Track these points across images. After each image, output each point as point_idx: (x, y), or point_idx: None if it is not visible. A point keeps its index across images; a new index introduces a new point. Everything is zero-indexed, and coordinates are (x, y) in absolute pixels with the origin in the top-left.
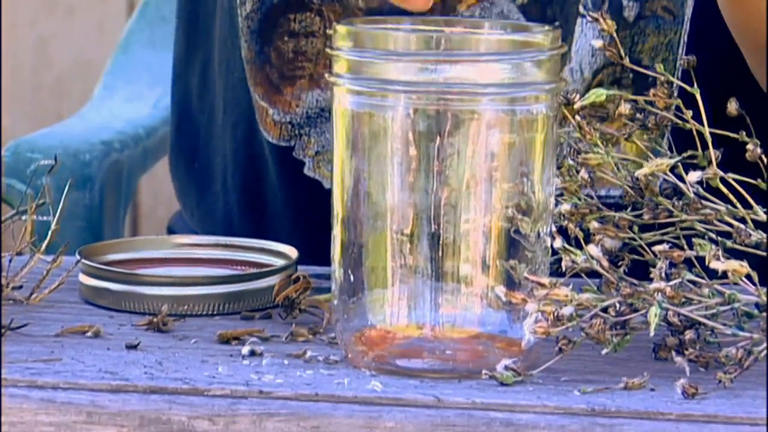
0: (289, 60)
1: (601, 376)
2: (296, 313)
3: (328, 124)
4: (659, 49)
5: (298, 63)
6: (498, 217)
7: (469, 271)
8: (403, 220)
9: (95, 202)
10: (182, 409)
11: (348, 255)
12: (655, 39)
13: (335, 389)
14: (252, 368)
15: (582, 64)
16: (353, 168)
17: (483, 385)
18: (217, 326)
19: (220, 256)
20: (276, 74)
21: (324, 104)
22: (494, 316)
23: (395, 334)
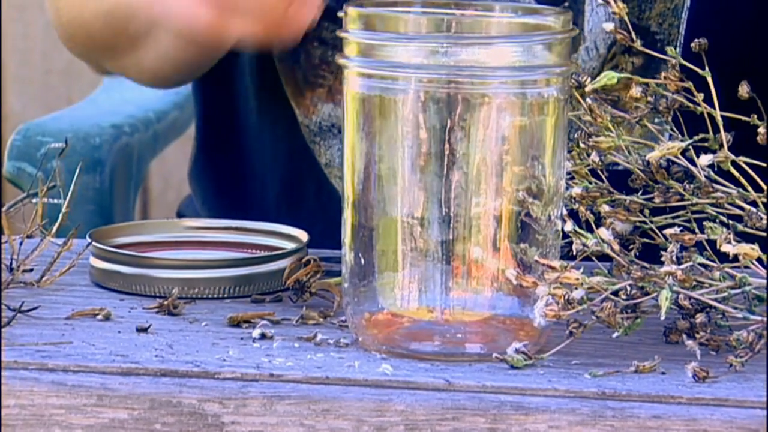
0: (314, 65)
1: (611, 359)
2: (307, 296)
3: (335, 141)
4: (666, 14)
5: (321, 71)
6: (509, 200)
7: (479, 255)
8: (414, 204)
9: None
10: (193, 392)
11: (358, 238)
12: (662, 5)
13: (346, 372)
14: (262, 351)
15: (597, 41)
16: (364, 151)
17: (493, 369)
18: (227, 309)
19: (230, 239)
20: (301, 77)
21: (335, 120)
22: (505, 300)
23: (405, 318)
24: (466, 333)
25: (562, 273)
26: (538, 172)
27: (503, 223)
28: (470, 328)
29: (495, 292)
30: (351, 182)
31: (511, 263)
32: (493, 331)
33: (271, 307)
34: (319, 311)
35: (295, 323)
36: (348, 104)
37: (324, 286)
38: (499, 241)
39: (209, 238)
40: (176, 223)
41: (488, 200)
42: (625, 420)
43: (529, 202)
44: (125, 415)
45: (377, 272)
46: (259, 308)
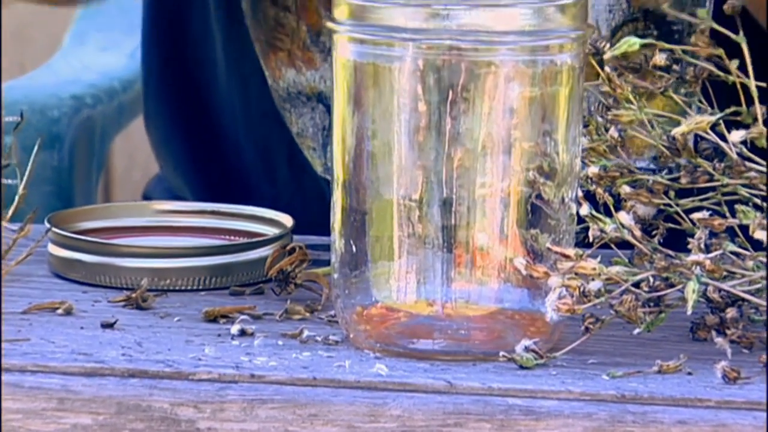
0: (270, 27)
1: (632, 358)
2: (291, 288)
3: (305, 109)
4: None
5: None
6: (517, 181)
7: (485, 242)
8: (412, 185)
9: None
10: (164, 395)
11: (349, 223)
12: None
13: (335, 373)
14: (242, 349)
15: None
16: (355, 126)
17: (500, 369)
18: (203, 303)
19: (206, 224)
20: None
21: (301, 88)
22: (513, 292)
23: (402, 312)
24: (470, 329)
25: (577, 262)
26: (550, 149)
27: (511, 207)
28: (474, 323)
29: (502, 284)
30: (341, 160)
31: (520, 251)
32: (499, 327)
33: (251, 300)
34: (306, 305)
35: (278, 318)
36: (338, 73)
37: (311, 277)
38: (506, 227)
39: (182, 222)
40: (145, 207)
41: (494, 181)
42: (647, 425)
43: (541, 182)
44: (89, 420)
45: (370, 261)
46: (238, 301)
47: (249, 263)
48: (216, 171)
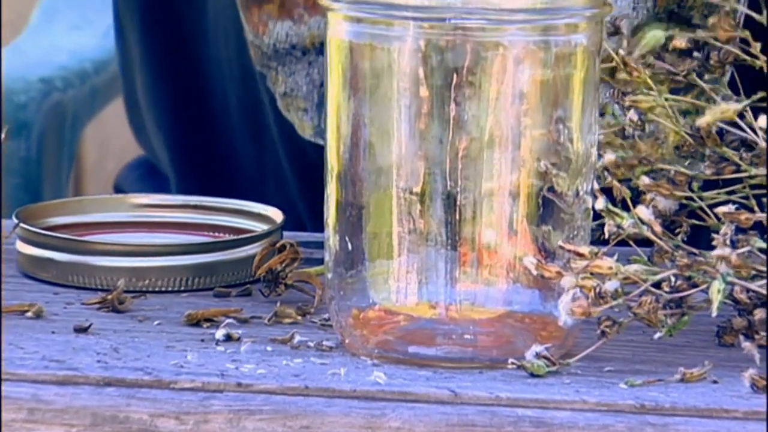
0: None
1: (652, 365)
2: (281, 289)
3: (299, 65)
4: None
5: None
6: (528, 172)
7: (492, 239)
8: (412, 176)
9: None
10: (143, 406)
11: (345, 219)
12: None
13: (329, 381)
14: (228, 356)
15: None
16: (351, 112)
17: (509, 377)
18: (185, 305)
19: (188, 219)
20: None
21: (296, 40)
22: (523, 293)
23: (402, 315)
24: (476, 333)
25: (593, 260)
26: (563, 138)
27: (521, 200)
28: (481, 327)
29: (511, 284)
30: (336, 150)
31: (530, 249)
32: (508, 332)
33: (237, 302)
34: (297, 307)
35: (267, 322)
36: (332, 55)
37: (303, 277)
38: (515, 222)
39: (162, 218)
40: (121, 200)
41: (503, 172)
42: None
43: (553, 174)
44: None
45: (367, 260)
46: (223, 304)
47: (235, 262)
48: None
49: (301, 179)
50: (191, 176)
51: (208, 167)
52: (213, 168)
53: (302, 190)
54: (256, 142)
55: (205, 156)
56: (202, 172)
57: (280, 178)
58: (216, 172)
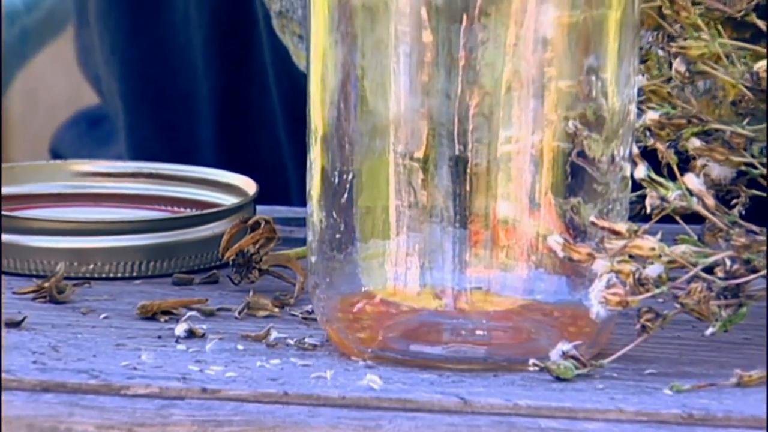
0: None
1: (703, 367)
2: (255, 275)
3: None
4: None
5: None
6: (553, 133)
7: (510, 214)
8: (413, 139)
9: None
10: (89, 415)
11: (332, 190)
12: None
13: (313, 387)
14: (190, 356)
15: None
16: (339, 62)
17: (530, 381)
18: (137, 294)
19: (141, 190)
20: None
21: None
22: (547, 280)
23: (401, 307)
24: (490, 329)
25: (631, 240)
26: (596, 92)
27: (545, 167)
28: (496, 321)
29: (532, 269)
30: (320, 107)
31: (556, 226)
32: (529, 326)
33: (202, 291)
34: (274, 297)
35: (237, 315)
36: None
37: (280, 261)
38: (538, 194)
39: (109, 188)
40: (60, 167)
41: (523, 133)
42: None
43: (584, 135)
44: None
45: (359, 240)
46: (184, 293)
47: (198, 243)
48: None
49: (292, 118)
50: (147, 125)
51: (169, 112)
52: (175, 111)
53: (293, 135)
54: (239, 71)
55: (165, 95)
56: (161, 117)
57: (267, 118)
58: (181, 116)
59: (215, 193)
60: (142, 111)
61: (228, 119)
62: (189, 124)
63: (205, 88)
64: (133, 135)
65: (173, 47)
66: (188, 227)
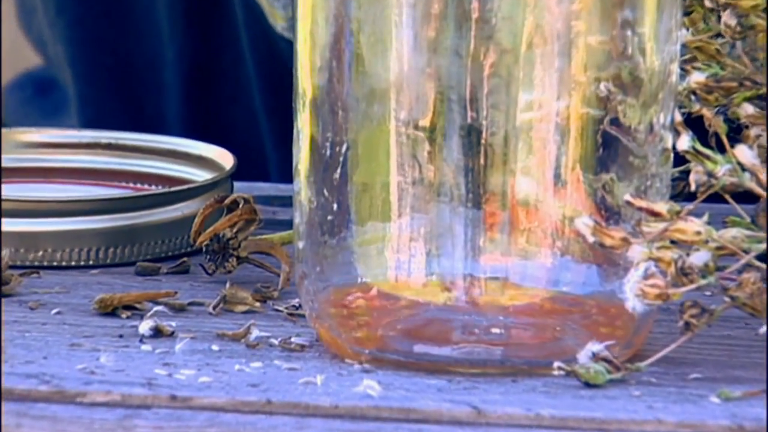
0: None
1: (756, 371)
2: (232, 263)
3: None
4: None
5: None
6: (582, 97)
7: (531, 192)
8: (418, 105)
9: None
10: (39, 426)
11: (323, 164)
12: None
13: (300, 394)
14: (157, 358)
15: None
16: (331, 14)
17: (555, 387)
18: (95, 287)
19: (99, 164)
20: None
21: None
22: (574, 269)
23: (404, 301)
24: (508, 326)
25: (673, 223)
26: (632, 49)
27: (572, 138)
28: (515, 317)
29: (557, 257)
30: (309, 67)
31: (585, 206)
32: (553, 323)
33: (170, 282)
34: (255, 290)
35: (212, 311)
36: None
37: (262, 247)
38: (564, 169)
39: (61, 162)
40: (4, 137)
41: (546, 98)
42: None
43: (618, 99)
44: None
45: (355, 222)
46: (149, 284)
47: (166, 226)
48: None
49: (270, 87)
50: (102, 98)
51: (127, 83)
52: (135, 81)
53: (268, 102)
54: (208, 35)
55: (123, 63)
56: (118, 89)
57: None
58: (141, 87)
59: (185, 168)
60: (96, 81)
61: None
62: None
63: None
64: (85, 109)
65: (131, 7)
66: (154, 207)
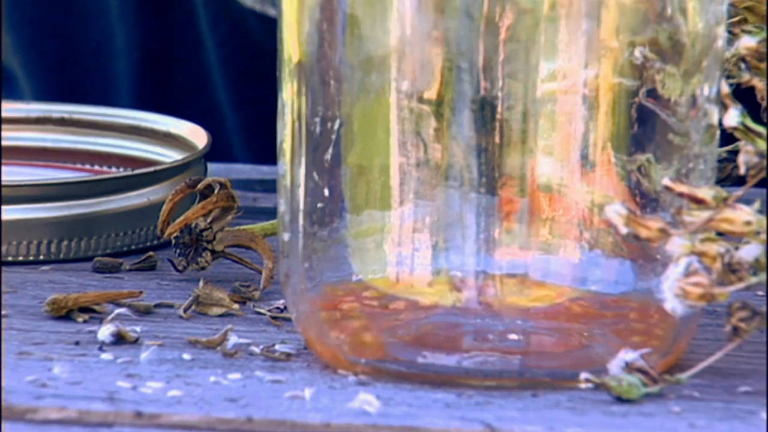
0: None
1: None
2: (206, 259)
3: None
4: None
5: None
6: (613, 65)
7: (554, 175)
8: (423, 74)
9: None
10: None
11: (312, 143)
12: None
13: (286, 410)
14: (120, 368)
15: None
16: None
17: (582, 403)
18: (47, 286)
19: (51, 142)
20: None
21: None
22: (604, 265)
23: (406, 302)
24: (528, 331)
25: (719, 211)
26: (671, 9)
27: (602, 112)
28: (535, 321)
29: (585, 250)
30: (296, 30)
31: (617, 192)
32: (580, 328)
33: (134, 280)
34: (233, 290)
35: (183, 314)
36: None
37: (241, 240)
38: (593, 149)
39: (7, 140)
40: None
41: (572, 66)
42: None
43: (655, 68)
44: None
45: (349, 211)
46: (110, 283)
47: (128, 215)
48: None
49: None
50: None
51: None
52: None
53: (235, 92)
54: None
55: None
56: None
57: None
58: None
59: (151, 147)
60: (39, 69)
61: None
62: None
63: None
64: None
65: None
66: (114, 193)
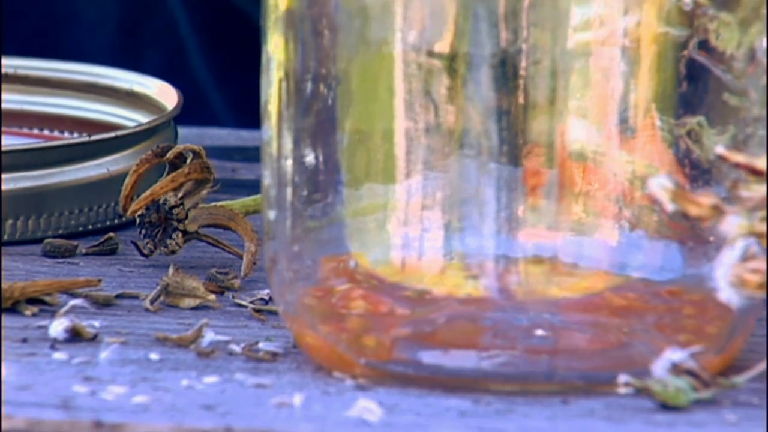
0: None
1: None
2: (177, 241)
3: None
4: None
5: None
6: (656, 14)
7: (587, 142)
8: (433, 25)
9: None
10: None
11: (302, 105)
12: None
13: (272, 419)
14: (76, 370)
15: None
16: None
17: (620, 410)
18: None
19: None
20: None
21: None
22: (647, 248)
23: (413, 293)
24: (557, 327)
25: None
26: None
27: (644, 67)
28: (566, 314)
29: (625, 230)
30: None
31: (662, 162)
32: (618, 322)
33: (91, 266)
34: (208, 278)
35: (149, 306)
36: None
37: (218, 219)
38: (633, 111)
39: None
40: None
41: (607, 14)
42: None
43: (708, 15)
44: None
45: (347, 184)
46: (63, 269)
47: (85, 188)
48: None
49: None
50: None
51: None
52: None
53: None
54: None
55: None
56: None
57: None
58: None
59: (111, 108)
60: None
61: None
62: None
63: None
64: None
65: None
66: (68, 163)
